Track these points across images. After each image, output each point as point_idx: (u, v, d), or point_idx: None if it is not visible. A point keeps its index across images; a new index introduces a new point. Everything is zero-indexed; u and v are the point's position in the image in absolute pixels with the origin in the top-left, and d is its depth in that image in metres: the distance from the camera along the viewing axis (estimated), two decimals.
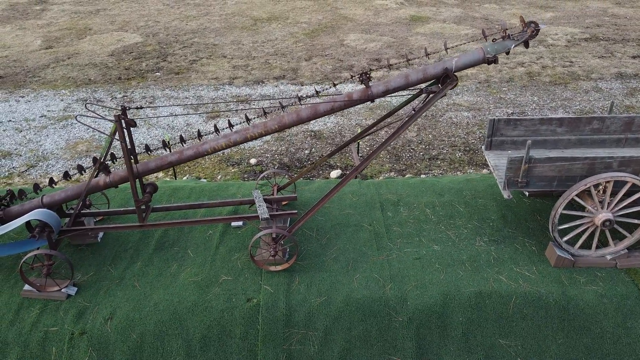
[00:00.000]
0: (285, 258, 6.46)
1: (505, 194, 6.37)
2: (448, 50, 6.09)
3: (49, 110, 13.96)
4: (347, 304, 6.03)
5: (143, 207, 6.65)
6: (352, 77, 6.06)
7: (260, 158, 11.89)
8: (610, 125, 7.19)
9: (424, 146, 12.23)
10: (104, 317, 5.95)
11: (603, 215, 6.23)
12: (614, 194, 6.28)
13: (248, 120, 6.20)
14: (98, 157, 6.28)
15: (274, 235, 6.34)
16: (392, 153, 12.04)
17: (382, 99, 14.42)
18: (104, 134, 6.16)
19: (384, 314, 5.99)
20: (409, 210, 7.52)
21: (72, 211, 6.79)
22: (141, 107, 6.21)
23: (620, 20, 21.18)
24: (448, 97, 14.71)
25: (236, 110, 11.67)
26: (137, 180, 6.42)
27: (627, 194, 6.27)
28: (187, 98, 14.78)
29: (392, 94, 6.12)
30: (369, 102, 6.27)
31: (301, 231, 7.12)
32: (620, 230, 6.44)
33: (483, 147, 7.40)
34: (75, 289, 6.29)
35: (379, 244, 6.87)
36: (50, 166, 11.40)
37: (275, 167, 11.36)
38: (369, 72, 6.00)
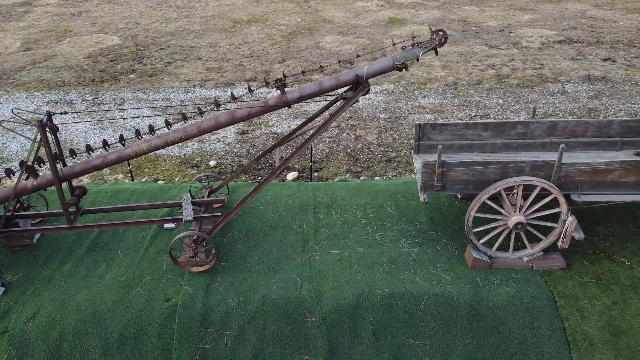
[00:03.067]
0: (209, 259, 6.62)
1: (422, 197, 6.53)
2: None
3: (18, 112, 14.16)
4: (263, 304, 6.20)
5: (73, 209, 6.83)
6: (267, 83, 6.22)
7: (220, 160, 12.07)
8: (535, 130, 7.33)
9: (383, 148, 12.39)
10: (27, 317, 6.13)
11: (515, 218, 6.38)
12: (527, 197, 6.41)
13: (168, 125, 6.37)
14: (24, 161, 6.46)
15: (194, 237, 6.51)
16: (351, 155, 12.21)
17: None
18: (29, 138, 6.34)
19: (298, 314, 6.15)
20: (341, 213, 7.68)
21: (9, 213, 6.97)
22: (65, 113, 6.39)
23: (597, 22, 21.27)
24: (413, 99, 14.87)
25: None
26: (65, 183, 6.60)
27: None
28: (156, 100, 14.97)
29: (308, 100, 6.27)
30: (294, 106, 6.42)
31: (231, 233, 7.29)
32: (536, 233, 6.58)
33: (412, 151, 7.55)
34: (3, 289, 6.47)
35: (304, 245, 7.04)
36: (17, 168, 11.60)
37: (236, 168, 11.53)
38: (283, 79, 6.17)
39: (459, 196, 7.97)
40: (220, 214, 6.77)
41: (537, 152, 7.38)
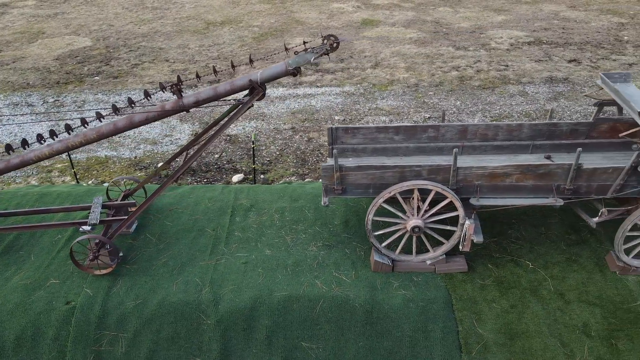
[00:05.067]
0: (113, 262, 6.68)
1: (323, 201, 6.57)
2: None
3: None
4: (160, 307, 6.26)
5: None
6: (163, 88, 6.28)
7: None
8: (446, 133, 7.37)
9: None
10: None
11: (413, 222, 6.42)
12: (431, 201, 6.43)
13: (69, 130, 6.43)
14: None
15: (97, 241, 6.57)
16: (301, 157, 12.26)
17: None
18: None
19: (194, 316, 6.21)
20: (258, 216, 7.74)
21: None
22: None
23: (569, 23, 21.26)
24: (372, 101, 14.91)
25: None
26: None
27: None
28: (116, 102, 15.04)
29: (205, 105, 6.33)
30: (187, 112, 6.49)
31: (144, 235, 7.36)
32: (436, 236, 6.63)
33: (327, 155, 7.60)
34: None
35: (214, 248, 7.10)
36: None
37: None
38: (179, 84, 6.22)
39: None
40: (125, 217, 6.83)
41: (449, 155, 7.41)
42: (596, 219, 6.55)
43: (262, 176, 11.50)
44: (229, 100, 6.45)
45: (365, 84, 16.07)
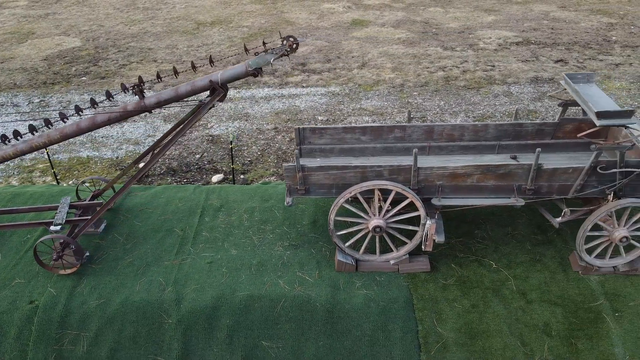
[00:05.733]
0: (78, 262, 6.71)
1: (286, 201, 6.61)
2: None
3: None
4: (123, 307, 6.30)
5: None
6: (125, 89, 6.32)
7: None
8: (412, 134, 7.40)
9: None
10: None
11: (374, 222, 6.45)
12: (393, 201, 6.46)
13: (33, 130, 6.47)
14: None
15: (61, 241, 6.61)
16: (282, 157, 12.29)
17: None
18: None
19: (156, 316, 6.25)
20: (227, 216, 7.77)
21: None
22: None
23: (559, 24, 21.26)
24: (356, 101, 14.94)
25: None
26: None
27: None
28: (102, 102, 15.07)
29: (166, 105, 6.36)
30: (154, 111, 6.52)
31: (112, 235, 7.40)
32: (399, 236, 6.66)
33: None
34: None
35: (180, 248, 7.13)
36: None
37: (163, 169, 11.63)
38: (142, 85, 6.26)
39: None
40: (89, 217, 6.87)
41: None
42: (559, 219, 6.58)
43: (241, 176, 11.53)
44: (194, 100, 6.49)
45: (351, 85, 16.10)
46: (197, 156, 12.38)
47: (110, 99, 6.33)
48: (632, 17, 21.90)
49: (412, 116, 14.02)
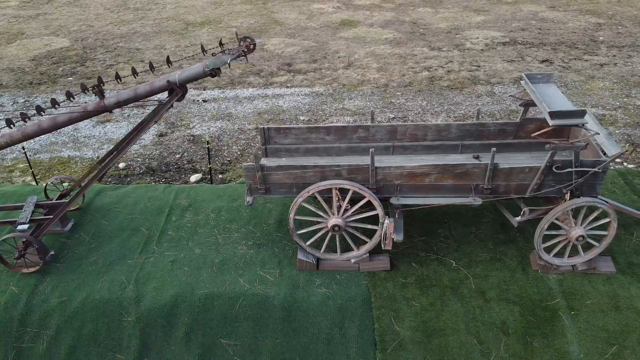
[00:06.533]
0: (44, 261, 6.77)
1: (246, 200, 6.67)
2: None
3: None
4: (83, 305, 6.36)
5: None
6: (85, 89, 6.38)
7: (130, 162, 12.24)
8: (376, 134, 7.46)
9: None
10: None
11: (333, 221, 6.51)
12: (351, 200, 6.52)
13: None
14: None
15: (24, 240, 6.67)
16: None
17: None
18: None
19: (116, 314, 6.31)
20: (194, 215, 7.83)
21: None
22: None
23: (547, 24, 21.30)
24: (339, 101, 14.99)
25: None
26: None
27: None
28: (85, 102, 15.14)
29: (126, 105, 6.42)
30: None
31: (78, 234, 7.46)
32: (358, 235, 6.71)
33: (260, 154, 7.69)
34: None
35: (145, 247, 7.19)
36: None
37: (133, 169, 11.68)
38: (101, 85, 6.32)
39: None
40: (51, 216, 6.93)
41: (380, 155, 7.49)
42: (518, 218, 6.63)
43: (220, 176, 11.59)
44: (154, 100, 6.55)
45: (336, 85, 16.15)
46: (177, 156, 12.44)
47: (71, 99, 6.40)
48: (621, 17, 21.93)
49: (393, 116, 14.09)
